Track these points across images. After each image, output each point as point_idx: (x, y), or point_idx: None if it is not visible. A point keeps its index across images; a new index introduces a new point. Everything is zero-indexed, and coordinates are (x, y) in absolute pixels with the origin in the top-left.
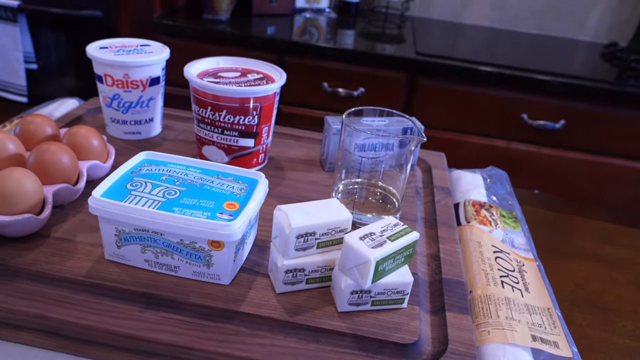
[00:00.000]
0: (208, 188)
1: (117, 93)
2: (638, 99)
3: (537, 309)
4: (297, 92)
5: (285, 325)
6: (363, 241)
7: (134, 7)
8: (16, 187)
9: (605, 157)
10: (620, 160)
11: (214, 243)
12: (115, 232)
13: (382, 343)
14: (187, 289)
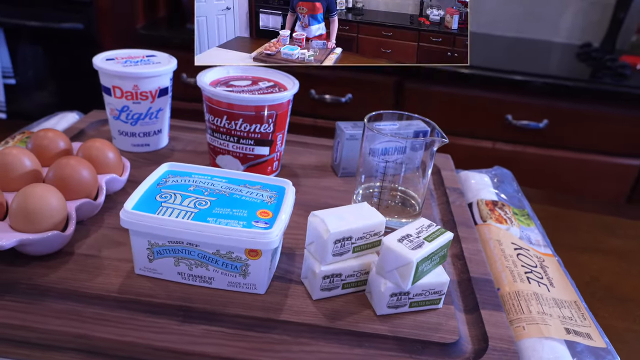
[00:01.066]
0: (238, 197)
1: (126, 105)
2: (615, 97)
3: (565, 303)
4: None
5: (327, 331)
6: (402, 243)
7: (117, 18)
8: (40, 203)
9: (588, 154)
10: (602, 156)
11: (252, 252)
12: (148, 245)
13: (425, 344)
14: (223, 300)
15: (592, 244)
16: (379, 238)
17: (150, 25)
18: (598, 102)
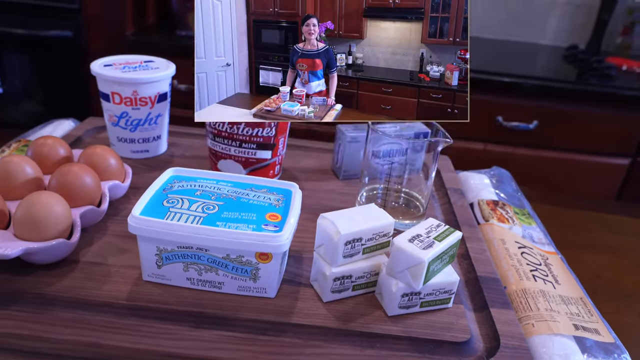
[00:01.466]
0: (245, 201)
1: (125, 111)
2: (602, 97)
3: (571, 299)
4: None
5: (339, 333)
6: (413, 243)
7: (106, 26)
8: (45, 211)
9: (577, 154)
10: (591, 156)
11: (262, 255)
12: (156, 251)
13: (437, 343)
14: (234, 305)
15: (591, 241)
16: (388, 239)
17: (140, 31)
18: (586, 103)
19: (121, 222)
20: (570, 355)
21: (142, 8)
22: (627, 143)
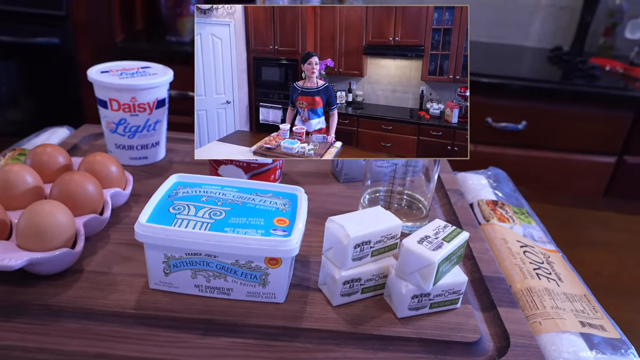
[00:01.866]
0: (252, 206)
1: (124, 118)
2: (588, 97)
3: (576, 297)
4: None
5: (350, 336)
6: (422, 245)
7: (95, 32)
8: (49, 221)
9: (565, 153)
10: (579, 155)
11: (272, 260)
12: (164, 258)
13: (448, 344)
14: (243, 311)
15: (589, 239)
16: (396, 241)
17: (129, 38)
18: (572, 103)
19: (123, 230)
20: (579, 352)
21: (130, 14)
22: (613, 142)
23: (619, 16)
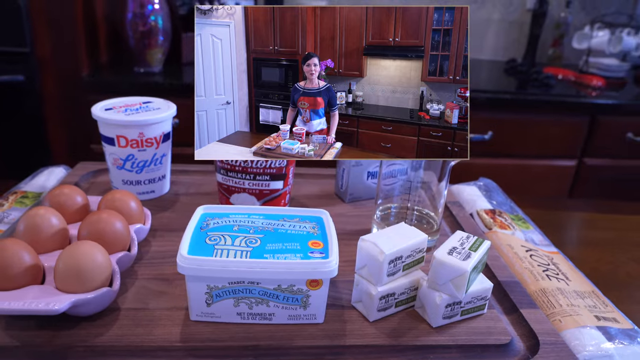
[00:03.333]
0: (284, 231)
1: (131, 153)
2: (548, 105)
3: (585, 293)
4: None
5: (392, 349)
6: (452, 256)
7: (60, 67)
8: (88, 261)
9: (530, 159)
10: (543, 160)
11: (313, 282)
12: (207, 289)
13: (483, 347)
14: (287, 334)
15: (581, 238)
16: (423, 254)
17: (95, 72)
18: (533, 112)
19: (149, 265)
20: (600, 344)
21: (95, 47)
22: (572, 145)
23: (564, 28)
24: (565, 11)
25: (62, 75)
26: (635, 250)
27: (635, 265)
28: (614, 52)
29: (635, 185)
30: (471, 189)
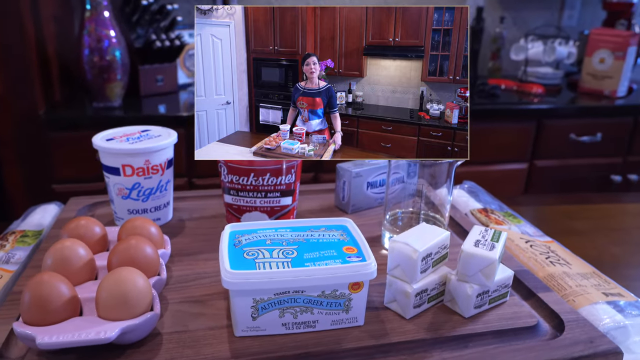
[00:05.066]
0: (315, 241)
1: (137, 182)
2: (497, 113)
3: (587, 275)
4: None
5: (434, 342)
6: (479, 247)
7: (15, 107)
8: (131, 287)
9: (487, 165)
10: (498, 165)
11: (354, 285)
12: (252, 303)
13: (515, 331)
14: (333, 339)
15: (562, 229)
16: (447, 250)
17: (52, 108)
18: (485, 120)
19: (175, 289)
20: (614, 316)
21: (50, 84)
22: (523, 150)
23: (501, 42)
24: (500, 27)
25: (18, 115)
26: (613, 234)
27: (617, 248)
28: (549, 61)
29: (581, 182)
30: (458, 191)
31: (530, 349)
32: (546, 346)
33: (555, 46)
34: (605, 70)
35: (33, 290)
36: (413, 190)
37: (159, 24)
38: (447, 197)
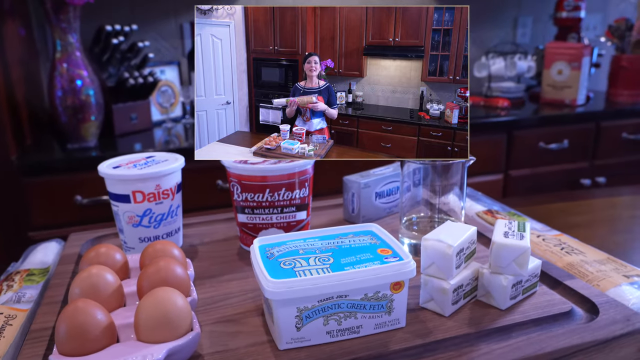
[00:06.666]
0: (348, 246)
1: (149, 208)
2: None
3: (603, 261)
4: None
5: (478, 335)
6: (509, 238)
7: None
8: (173, 307)
9: None
10: (475, 177)
11: (396, 285)
12: (297, 312)
13: (553, 317)
14: (380, 342)
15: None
16: (475, 246)
17: (24, 153)
18: None
19: (204, 311)
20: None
21: (19, 129)
22: (497, 161)
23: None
24: None
25: None
26: (611, 224)
27: (618, 236)
28: (511, 76)
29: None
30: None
31: (572, 332)
32: (587, 328)
33: (515, 61)
34: (564, 80)
35: (69, 320)
36: (426, 195)
37: (130, 62)
38: (460, 198)
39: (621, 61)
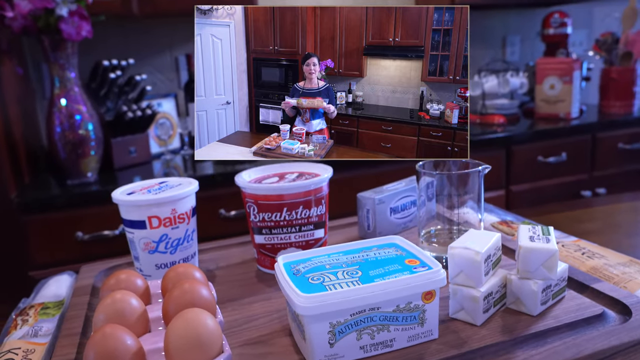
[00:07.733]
0: (374, 259)
1: (165, 233)
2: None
3: (626, 263)
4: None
5: (513, 342)
6: (535, 242)
7: None
8: (204, 328)
9: None
10: None
11: (427, 295)
12: (329, 327)
13: (586, 320)
14: (414, 355)
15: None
16: (500, 252)
17: (24, 191)
18: None
19: (231, 333)
20: None
21: (17, 167)
22: (498, 178)
23: None
24: None
25: None
26: (623, 228)
27: (632, 239)
28: (505, 93)
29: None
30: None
31: (609, 333)
32: (622, 329)
33: (508, 78)
34: (556, 94)
35: (98, 346)
36: (442, 207)
37: (127, 96)
38: (478, 209)
39: (611, 73)
